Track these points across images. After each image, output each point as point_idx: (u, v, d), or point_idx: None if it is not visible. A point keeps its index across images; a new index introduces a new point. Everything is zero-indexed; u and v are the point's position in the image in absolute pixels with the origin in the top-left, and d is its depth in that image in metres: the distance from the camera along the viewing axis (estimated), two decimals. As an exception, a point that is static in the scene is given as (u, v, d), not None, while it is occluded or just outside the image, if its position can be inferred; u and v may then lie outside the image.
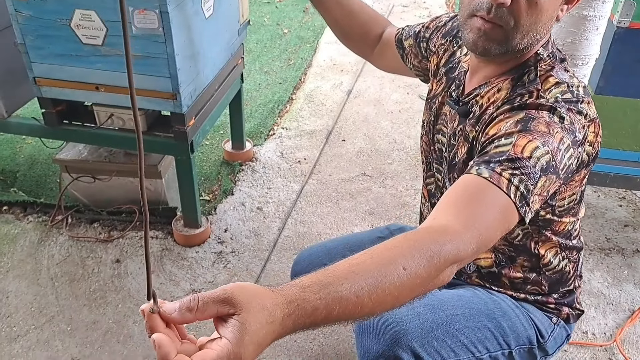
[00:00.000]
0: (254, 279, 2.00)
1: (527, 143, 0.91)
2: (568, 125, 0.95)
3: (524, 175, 0.88)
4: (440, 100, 1.22)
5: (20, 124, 2.05)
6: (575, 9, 1.28)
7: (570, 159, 0.96)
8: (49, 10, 1.66)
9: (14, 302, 1.91)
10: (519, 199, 0.88)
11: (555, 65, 1.04)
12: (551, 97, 0.99)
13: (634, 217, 2.34)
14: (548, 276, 1.21)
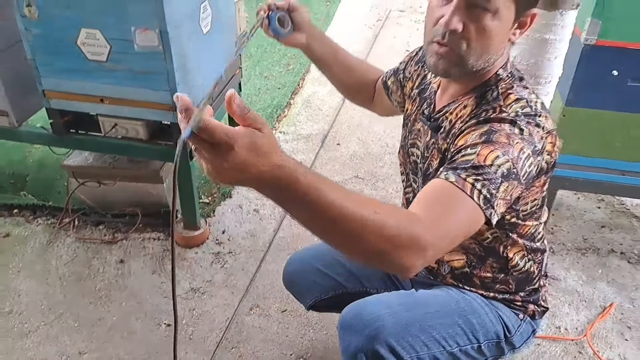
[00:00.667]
0: (249, 278, 2.13)
1: (489, 153, 1.01)
2: (527, 137, 1.05)
3: (486, 181, 0.99)
4: (414, 117, 1.34)
5: (30, 133, 2.18)
6: (536, 33, 1.40)
7: (530, 167, 1.06)
8: (57, 29, 1.79)
9: (25, 300, 2.05)
10: (483, 202, 0.99)
11: (514, 83, 1.15)
12: (512, 111, 1.09)
13: (611, 218, 2.46)
14: (515, 276, 1.32)
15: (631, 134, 1.82)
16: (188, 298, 2.05)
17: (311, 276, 1.55)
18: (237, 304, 2.02)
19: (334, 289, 1.54)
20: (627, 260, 2.25)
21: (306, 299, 1.59)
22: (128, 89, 1.86)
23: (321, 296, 1.55)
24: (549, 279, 2.13)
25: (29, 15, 1.78)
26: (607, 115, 1.80)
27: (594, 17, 1.64)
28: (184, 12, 1.81)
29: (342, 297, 1.50)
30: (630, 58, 1.69)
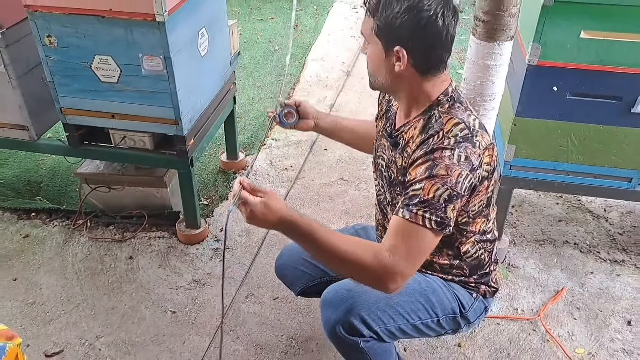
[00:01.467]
0: (245, 270, 2.41)
1: (431, 187, 1.29)
2: (464, 161, 1.30)
3: (433, 209, 1.29)
4: (380, 134, 1.62)
5: (48, 145, 2.45)
6: (480, 60, 1.68)
7: (470, 182, 1.32)
8: (73, 56, 2.07)
9: (46, 292, 2.32)
10: (436, 225, 1.30)
11: (453, 107, 1.39)
12: (452, 136, 1.33)
13: (567, 213, 2.74)
14: (468, 262, 1.58)
15: (572, 140, 2.10)
16: (190, 288, 2.32)
17: (299, 266, 1.80)
18: (234, 293, 2.30)
19: (320, 276, 1.78)
20: (579, 250, 2.53)
21: (295, 286, 1.84)
22: (136, 106, 2.14)
23: (308, 283, 1.80)
24: (510, 266, 2.42)
25: (49, 45, 2.05)
26: (551, 124, 2.08)
27: (535, 42, 1.92)
28: (185, 40, 2.09)
29: (327, 283, 1.69)
30: (566, 76, 1.97)
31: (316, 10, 5.29)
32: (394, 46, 1.34)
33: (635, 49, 1.89)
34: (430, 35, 1.31)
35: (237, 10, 5.24)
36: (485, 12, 1.62)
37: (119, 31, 1.96)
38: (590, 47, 1.90)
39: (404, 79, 1.39)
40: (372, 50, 1.40)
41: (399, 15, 1.30)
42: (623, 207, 2.79)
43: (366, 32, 1.40)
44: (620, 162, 2.13)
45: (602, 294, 2.32)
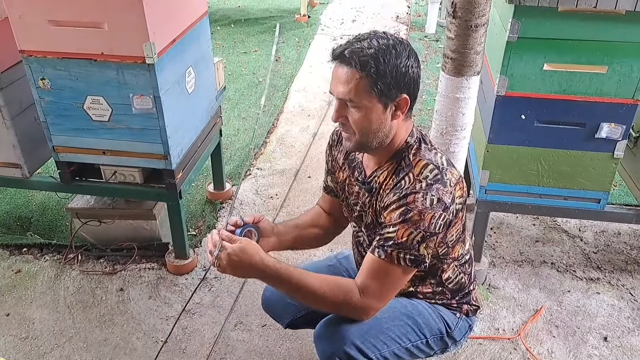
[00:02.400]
0: (233, 298, 2.47)
1: (404, 231, 1.37)
2: (436, 204, 1.36)
3: (407, 250, 1.38)
4: (349, 182, 1.64)
5: (41, 182, 2.52)
6: (450, 93, 1.81)
7: (444, 220, 1.38)
8: (66, 97, 2.16)
9: (39, 326, 2.36)
10: (411, 263, 1.40)
11: (421, 148, 1.46)
12: (423, 179, 1.39)
13: (544, 234, 2.86)
14: (450, 288, 1.64)
15: (542, 164, 2.22)
16: (181, 318, 2.38)
17: (286, 299, 1.74)
18: (224, 321, 2.36)
19: (306, 307, 1.76)
20: (556, 270, 2.64)
21: (283, 319, 1.84)
22: (127, 143, 2.23)
23: (296, 315, 1.80)
24: (490, 287, 2.51)
25: (42, 87, 2.14)
26: (521, 150, 2.21)
27: (502, 74, 2.05)
28: (173, 79, 2.19)
29: (313, 314, 1.72)
30: (533, 105, 2.10)
31: (298, 43, 5.45)
32: (396, 95, 1.37)
33: (594, 79, 2.03)
34: (418, 81, 1.40)
35: (221, 44, 5.38)
36: (452, 50, 1.74)
37: (111, 73, 2.06)
38: (553, 78, 2.04)
39: (393, 127, 1.43)
40: (367, 110, 1.38)
41: (398, 66, 1.34)
42: (597, 227, 2.91)
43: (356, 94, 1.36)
44: (589, 185, 2.25)
45: (579, 312, 2.42)
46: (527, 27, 1.95)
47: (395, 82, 1.35)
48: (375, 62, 1.33)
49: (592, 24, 1.93)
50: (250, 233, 1.58)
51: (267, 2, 6.65)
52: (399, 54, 1.35)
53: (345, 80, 1.35)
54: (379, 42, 1.35)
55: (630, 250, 2.76)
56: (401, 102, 1.39)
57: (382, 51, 1.34)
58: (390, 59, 1.34)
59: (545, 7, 1.90)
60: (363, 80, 1.34)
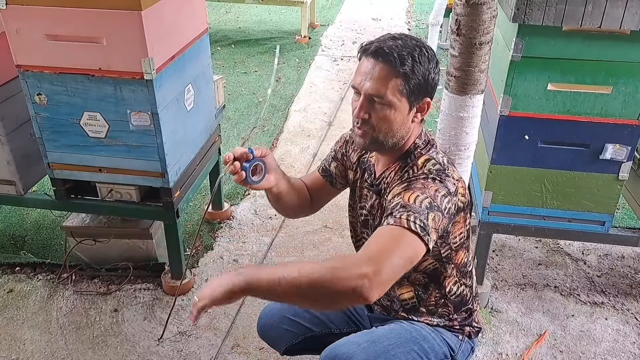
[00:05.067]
0: (230, 320, 2.41)
1: (410, 195, 1.33)
2: (439, 183, 1.36)
3: (416, 213, 1.27)
4: (359, 185, 1.65)
5: (35, 199, 2.48)
6: (454, 112, 1.77)
7: (449, 204, 1.36)
8: (63, 113, 2.12)
9: (29, 348, 2.30)
10: (420, 229, 1.25)
11: (427, 148, 1.49)
12: (425, 169, 1.42)
13: (547, 257, 2.81)
14: (452, 300, 1.60)
15: (546, 186, 2.19)
16: (176, 340, 2.32)
17: (282, 325, 1.75)
18: (220, 344, 2.30)
19: (304, 333, 1.74)
20: (560, 293, 2.58)
21: (280, 345, 1.78)
22: (123, 160, 2.19)
23: (292, 341, 1.75)
24: (492, 310, 2.46)
25: (39, 102, 2.11)
26: (525, 171, 2.17)
27: (505, 94, 2.03)
28: (172, 96, 2.16)
29: (311, 340, 1.73)
30: (536, 125, 2.07)
31: (298, 63, 5.45)
32: (422, 98, 1.41)
33: (599, 99, 2.00)
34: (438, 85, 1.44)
35: (221, 64, 5.38)
36: (456, 68, 1.72)
37: (108, 89, 2.03)
38: (557, 98, 2.02)
39: (412, 128, 1.47)
40: (394, 109, 1.39)
41: (430, 70, 1.38)
42: (600, 250, 2.86)
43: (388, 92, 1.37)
44: (593, 207, 2.21)
45: (584, 337, 2.36)
46: (531, 46, 1.94)
47: (425, 84, 1.38)
48: (412, 60, 1.35)
49: (597, 44, 1.91)
50: (257, 167, 1.48)
51: (268, 23, 6.69)
52: (430, 57, 1.39)
53: (377, 76, 1.36)
54: (412, 43, 1.38)
55: (634, 274, 2.71)
56: (424, 105, 1.42)
57: (417, 51, 1.36)
58: (423, 61, 1.37)
59: (550, 27, 1.88)
60: (399, 78, 1.36)
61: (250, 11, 7.07)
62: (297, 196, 1.71)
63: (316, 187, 1.78)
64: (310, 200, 1.77)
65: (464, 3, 1.60)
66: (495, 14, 1.63)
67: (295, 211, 1.77)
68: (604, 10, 1.82)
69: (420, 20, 6.88)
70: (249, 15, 6.95)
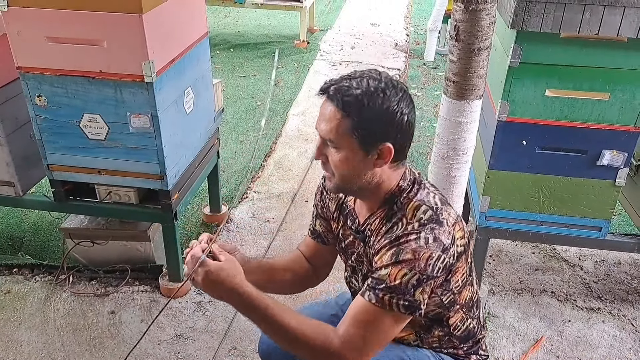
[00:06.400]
0: (227, 323, 2.41)
1: (398, 272, 1.22)
2: (432, 243, 1.23)
3: (401, 295, 1.22)
4: (343, 232, 1.52)
5: (34, 201, 2.48)
6: (452, 117, 1.79)
7: (444, 262, 1.24)
8: (63, 114, 2.13)
9: (26, 349, 2.29)
10: (404, 309, 1.23)
11: (414, 190, 1.34)
12: (417, 221, 1.27)
13: (544, 262, 2.82)
14: (458, 336, 1.48)
15: (543, 191, 2.20)
16: (173, 343, 2.32)
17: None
18: (217, 346, 2.30)
19: None
20: (556, 299, 2.59)
21: None
22: (123, 162, 2.19)
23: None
24: (489, 315, 2.46)
25: (39, 104, 2.11)
26: (522, 176, 2.19)
27: (503, 99, 2.04)
28: (171, 99, 2.17)
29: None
30: (534, 131, 2.09)
31: (297, 68, 5.47)
32: (378, 143, 1.26)
33: (596, 105, 2.02)
34: (410, 129, 1.29)
35: (220, 68, 5.39)
36: (455, 74, 1.73)
37: (109, 91, 2.04)
38: (555, 104, 2.03)
39: (378, 174, 1.32)
40: (348, 153, 1.27)
41: (384, 112, 1.23)
42: (597, 256, 2.87)
43: (338, 135, 1.25)
44: (590, 212, 2.23)
45: (580, 342, 2.37)
46: (529, 53, 1.95)
47: (379, 129, 1.25)
48: (358, 104, 1.23)
49: (594, 51, 1.93)
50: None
51: (267, 28, 6.71)
52: (387, 98, 1.24)
53: (328, 118, 1.26)
54: (368, 84, 1.25)
55: (631, 280, 2.72)
56: (384, 151, 1.27)
57: (369, 94, 1.23)
58: (375, 104, 1.23)
59: (548, 33, 1.90)
60: (344, 122, 1.24)
61: (250, 15, 7.09)
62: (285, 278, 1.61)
63: (313, 253, 1.66)
64: (311, 269, 1.66)
65: (463, 9, 1.61)
66: (493, 20, 1.64)
67: (294, 288, 1.68)
68: (601, 18, 1.84)
69: (419, 26, 6.92)
70: (248, 20, 6.98)
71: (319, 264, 1.66)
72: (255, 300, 1.25)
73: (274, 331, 1.27)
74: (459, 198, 1.99)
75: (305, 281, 1.66)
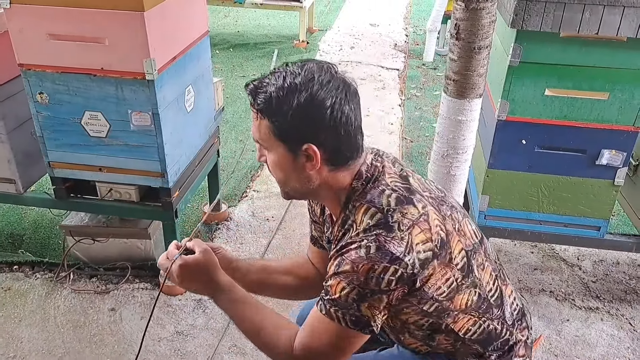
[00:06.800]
0: (227, 321, 2.42)
1: (337, 284, 1.15)
2: (374, 252, 1.11)
3: (344, 309, 1.14)
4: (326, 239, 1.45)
5: (34, 198, 2.49)
6: (452, 115, 1.80)
7: (396, 274, 1.11)
8: (64, 112, 2.14)
9: (27, 346, 2.30)
10: (352, 324, 1.15)
11: (366, 190, 1.20)
12: (362, 228, 1.15)
13: (543, 262, 2.83)
14: (475, 339, 1.28)
15: (543, 190, 2.21)
16: (173, 340, 2.32)
17: None
18: (217, 344, 2.31)
19: None
20: (555, 298, 2.60)
21: None
22: (124, 159, 2.20)
23: None
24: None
25: (40, 101, 2.12)
26: (522, 175, 2.20)
27: (503, 99, 2.06)
28: (172, 97, 2.18)
29: None
30: (534, 130, 2.10)
31: (297, 67, 5.48)
32: (301, 144, 1.15)
33: (596, 105, 2.03)
34: (341, 124, 1.14)
35: (220, 67, 5.40)
36: (455, 72, 1.74)
37: (110, 89, 2.05)
38: (555, 103, 2.05)
39: (319, 177, 1.20)
40: (276, 156, 1.19)
41: (300, 110, 1.11)
42: (595, 256, 2.88)
43: (263, 136, 1.17)
44: (589, 212, 2.24)
45: (579, 341, 2.38)
46: (529, 52, 1.96)
47: (298, 129, 1.13)
48: (271, 103, 1.12)
49: (594, 50, 1.94)
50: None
51: (266, 28, 6.72)
52: (303, 94, 1.11)
53: (253, 118, 1.19)
54: (284, 79, 1.13)
55: (629, 280, 2.74)
56: (309, 152, 1.15)
57: (283, 90, 1.11)
58: (290, 101, 1.11)
59: (548, 32, 1.91)
60: (263, 122, 1.15)
61: (249, 15, 7.10)
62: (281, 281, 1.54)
63: (317, 259, 1.58)
64: (318, 275, 1.56)
65: (464, 8, 1.62)
66: (494, 18, 1.65)
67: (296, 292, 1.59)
68: (601, 17, 1.85)
69: (418, 26, 6.93)
70: (247, 20, 6.98)
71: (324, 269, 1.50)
72: (227, 292, 1.26)
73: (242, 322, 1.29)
74: (458, 196, 2.00)
75: (313, 286, 1.54)
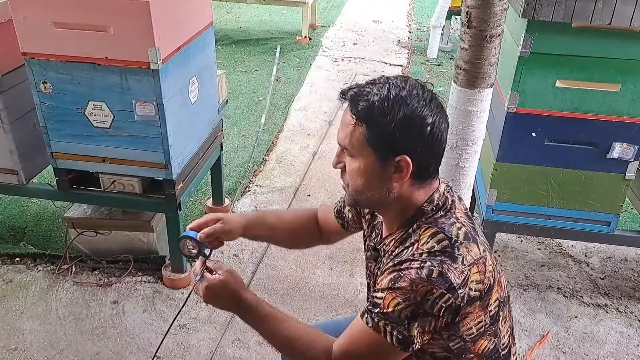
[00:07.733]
0: (230, 315, 2.39)
1: (391, 300, 1.12)
2: (436, 277, 1.09)
3: (394, 324, 1.13)
4: (367, 242, 1.42)
5: (37, 189, 2.46)
6: (462, 106, 1.77)
7: (447, 302, 1.10)
8: (68, 102, 2.11)
9: (28, 338, 2.27)
10: (397, 342, 1.13)
11: (436, 216, 1.19)
12: (427, 249, 1.13)
13: (550, 258, 2.80)
14: None
15: (552, 184, 2.18)
16: (176, 333, 2.30)
17: None
18: (220, 337, 2.28)
19: None
20: (562, 295, 2.57)
21: None
22: (127, 150, 2.17)
23: None
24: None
25: (44, 91, 2.09)
26: (531, 169, 2.17)
27: (513, 90, 2.02)
28: (177, 87, 2.15)
29: None
30: (544, 123, 2.07)
31: (299, 63, 5.45)
32: (395, 155, 1.16)
33: (607, 97, 2.00)
34: (436, 143, 1.16)
35: (222, 63, 5.37)
36: (466, 61, 1.71)
37: (114, 78, 2.02)
38: (566, 95, 2.01)
39: (399, 190, 1.21)
40: (362, 164, 1.18)
41: (402, 121, 1.13)
42: (603, 253, 2.86)
43: (353, 142, 1.17)
44: (599, 207, 2.21)
45: (587, 338, 2.35)
46: (540, 43, 1.93)
47: (396, 140, 1.14)
48: (373, 111, 1.14)
49: (606, 41, 1.91)
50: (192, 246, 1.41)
51: (269, 24, 6.69)
52: (407, 107, 1.13)
53: (344, 124, 1.19)
54: (389, 90, 1.15)
55: (637, 277, 2.71)
56: (401, 165, 1.16)
57: (388, 101, 1.13)
58: (394, 112, 1.13)
59: (559, 23, 1.88)
60: (359, 129, 1.16)
61: (252, 11, 7.07)
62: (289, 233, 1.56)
63: (328, 227, 1.57)
64: (319, 233, 1.59)
65: (476, -5, 1.59)
66: (506, 6, 1.62)
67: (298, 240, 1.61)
68: (614, 8, 1.82)
69: (421, 23, 6.90)
70: (250, 16, 6.95)
71: (328, 235, 1.59)
72: (255, 309, 1.27)
73: (273, 337, 1.28)
74: (467, 189, 1.97)
75: (312, 239, 1.60)
